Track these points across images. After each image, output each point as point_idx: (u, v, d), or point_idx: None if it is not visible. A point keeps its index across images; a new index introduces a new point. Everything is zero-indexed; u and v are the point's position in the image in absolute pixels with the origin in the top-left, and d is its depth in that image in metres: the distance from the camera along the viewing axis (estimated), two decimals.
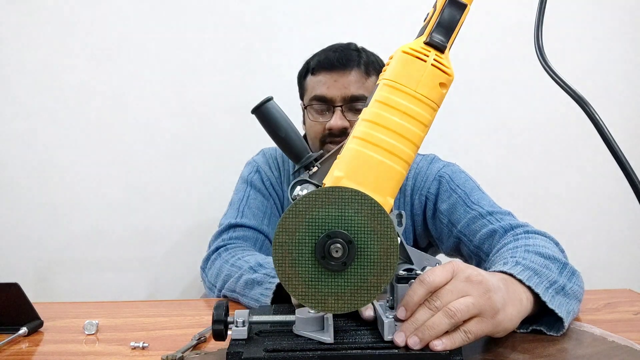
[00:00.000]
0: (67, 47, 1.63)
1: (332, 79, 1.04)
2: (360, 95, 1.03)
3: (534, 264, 0.68)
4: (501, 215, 0.93)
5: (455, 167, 1.09)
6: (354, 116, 1.03)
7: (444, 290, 0.56)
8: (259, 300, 0.79)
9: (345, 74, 1.04)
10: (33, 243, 1.65)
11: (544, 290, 0.64)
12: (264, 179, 1.15)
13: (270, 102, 0.69)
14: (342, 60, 1.04)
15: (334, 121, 1.03)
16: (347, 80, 1.03)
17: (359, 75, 1.04)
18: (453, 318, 0.54)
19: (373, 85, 1.04)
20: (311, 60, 1.10)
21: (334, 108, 1.04)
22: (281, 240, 0.53)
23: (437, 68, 0.58)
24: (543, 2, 0.60)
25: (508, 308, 0.58)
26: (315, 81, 1.06)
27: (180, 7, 1.64)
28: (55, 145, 1.65)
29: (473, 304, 0.55)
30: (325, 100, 1.04)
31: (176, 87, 1.66)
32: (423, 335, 0.54)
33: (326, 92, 1.04)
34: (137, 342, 0.66)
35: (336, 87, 1.03)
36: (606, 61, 1.74)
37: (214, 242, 1.04)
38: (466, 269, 0.58)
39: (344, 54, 1.05)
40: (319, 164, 0.66)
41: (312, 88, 1.07)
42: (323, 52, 1.09)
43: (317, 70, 1.06)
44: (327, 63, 1.05)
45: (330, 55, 1.06)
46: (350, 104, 1.04)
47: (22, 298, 0.73)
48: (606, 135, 0.50)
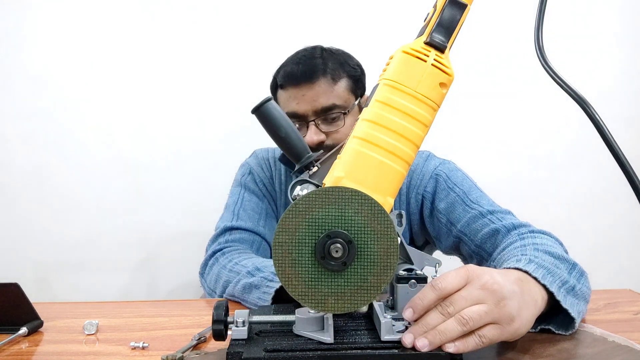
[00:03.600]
0: (66, 47, 1.63)
1: (300, 93, 1.02)
2: (330, 105, 1.01)
3: (546, 262, 0.67)
4: (502, 214, 0.93)
5: (451, 165, 1.09)
6: (329, 126, 1.02)
7: (458, 296, 0.55)
8: (258, 304, 0.80)
9: (312, 86, 1.01)
10: (33, 243, 1.65)
11: (557, 290, 0.64)
12: (257, 180, 1.16)
13: (270, 102, 0.69)
14: (306, 73, 1.01)
15: (309, 137, 1.01)
16: (314, 93, 1.01)
17: (327, 84, 1.01)
18: (465, 326, 0.53)
19: (344, 89, 1.03)
20: (278, 74, 1.07)
21: (307, 123, 1.02)
22: (281, 240, 0.53)
23: (438, 68, 0.58)
24: (543, 2, 0.59)
25: (523, 313, 0.57)
26: (285, 97, 1.04)
27: (180, 7, 1.64)
28: (55, 145, 1.65)
29: (486, 312, 0.54)
30: (298, 116, 1.02)
31: (176, 88, 1.66)
32: (433, 339, 0.53)
33: (297, 108, 1.02)
34: (137, 342, 0.66)
35: (305, 101, 1.01)
36: (606, 61, 1.74)
37: (210, 246, 1.04)
38: (482, 276, 0.56)
39: (307, 66, 1.02)
40: (319, 164, 0.66)
41: (284, 104, 1.05)
42: (288, 64, 1.06)
43: (285, 85, 1.04)
44: (292, 77, 1.02)
45: (294, 68, 1.03)
46: (324, 115, 1.02)
47: (22, 298, 0.73)
48: (606, 136, 0.50)
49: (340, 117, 1.02)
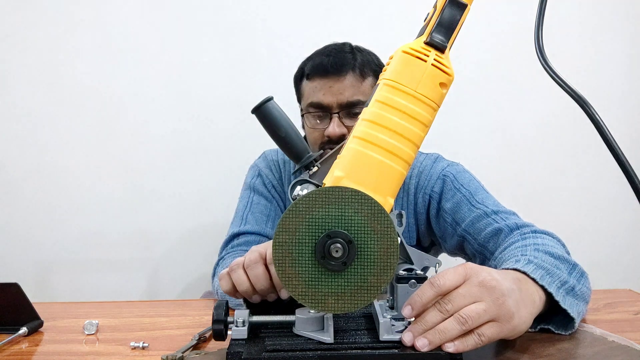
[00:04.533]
0: (66, 47, 1.63)
1: (327, 84, 1.02)
2: (356, 100, 1.01)
3: (545, 263, 0.68)
4: (506, 214, 0.93)
5: (459, 167, 1.09)
6: (352, 121, 1.02)
7: (456, 294, 0.55)
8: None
9: (340, 79, 1.02)
10: (33, 243, 1.65)
11: (556, 290, 0.64)
12: (265, 182, 1.16)
13: (270, 102, 0.69)
14: (336, 65, 1.02)
15: (331, 129, 1.01)
16: (342, 86, 1.02)
17: (354, 79, 1.02)
18: (464, 325, 0.54)
19: (370, 87, 1.03)
20: (305, 65, 1.08)
21: (331, 115, 1.03)
22: (281, 240, 0.53)
23: (438, 68, 0.58)
24: (543, 2, 0.59)
25: (522, 311, 0.58)
26: (311, 87, 1.05)
27: (180, 7, 1.64)
28: (55, 146, 1.65)
29: (485, 310, 0.54)
30: (322, 107, 1.03)
31: (176, 87, 1.66)
32: (433, 339, 0.53)
33: (322, 98, 1.02)
34: (137, 342, 0.66)
35: (332, 93, 1.02)
36: (606, 61, 1.74)
37: (220, 253, 1.06)
38: (480, 273, 0.57)
39: (338, 58, 1.03)
40: (319, 164, 0.66)
41: (308, 94, 1.06)
42: (317, 56, 1.07)
43: (312, 75, 1.05)
44: (322, 68, 1.03)
45: (324, 60, 1.04)
46: (348, 110, 1.02)
47: (22, 298, 0.73)
48: (606, 136, 0.50)
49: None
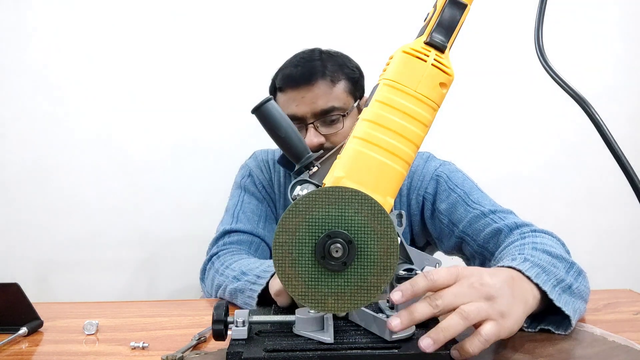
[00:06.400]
0: (66, 46, 1.63)
1: (299, 95, 1.01)
2: (330, 107, 1.00)
3: (542, 261, 0.68)
4: (504, 214, 0.93)
5: (452, 166, 1.09)
6: (329, 129, 1.02)
7: (447, 291, 0.56)
8: (244, 308, 0.80)
9: (311, 88, 1.01)
10: (33, 243, 1.65)
11: (551, 288, 0.64)
12: (256, 182, 1.16)
13: (270, 102, 0.69)
14: (305, 75, 1.01)
15: (308, 140, 1.01)
16: (314, 95, 1.00)
17: (326, 86, 1.01)
18: (467, 319, 0.54)
19: (343, 91, 1.03)
20: (277, 77, 1.07)
21: (307, 126, 1.02)
22: (281, 240, 0.53)
23: (438, 68, 0.58)
24: (543, 2, 0.59)
25: (514, 310, 0.58)
26: (284, 99, 1.04)
27: (180, 7, 1.64)
28: (55, 146, 1.65)
29: (479, 308, 0.55)
30: (297, 118, 1.02)
31: (176, 87, 1.66)
32: (437, 337, 0.53)
33: (296, 110, 1.02)
34: (137, 342, 0.66)
35: (304, 103, 1.01)
36: (606, 61, 1.74)
37: (210, 249, 1.04)
38: (470, 276, 0.57)
39: (306, 68, 1.02)
40: (319, 164, 0.66)
41: (283, 107, 1.04)
42: (287, 67, 1.06)
43: (284, 88, 1.04)
44: (291, 80, 1.02)
45: (293, 71, 1.03)
46: (323, 118, 1.01)
47: (22, 298, 0.73)
48: (606, 136, 0.50)
49: (339, 119, 1.02)
